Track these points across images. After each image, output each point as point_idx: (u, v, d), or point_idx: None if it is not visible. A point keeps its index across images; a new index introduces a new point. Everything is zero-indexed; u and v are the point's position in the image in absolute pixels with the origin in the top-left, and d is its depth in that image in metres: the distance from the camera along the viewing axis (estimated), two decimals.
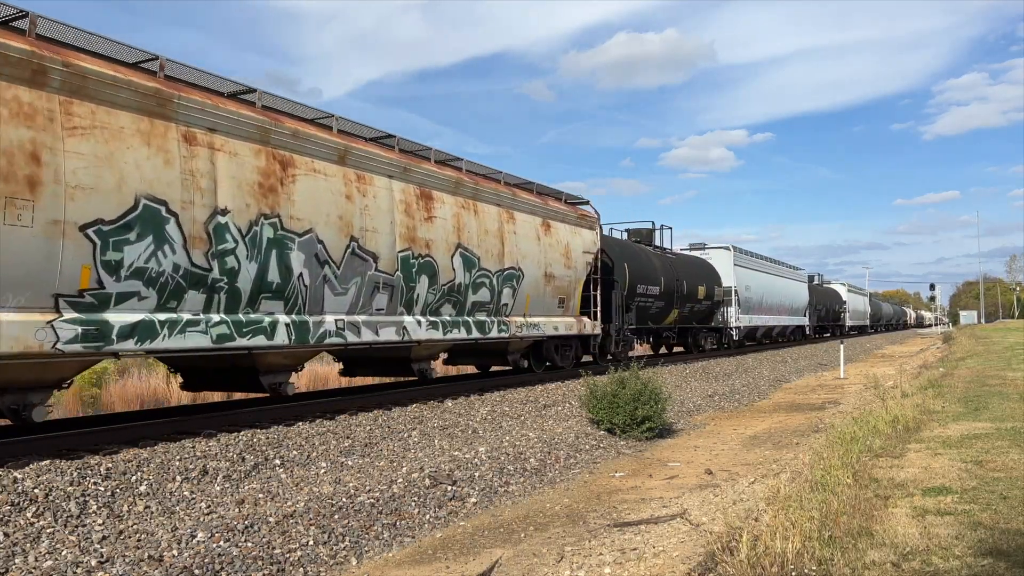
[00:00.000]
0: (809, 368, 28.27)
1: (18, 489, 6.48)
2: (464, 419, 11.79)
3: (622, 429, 12.46)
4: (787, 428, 13.91)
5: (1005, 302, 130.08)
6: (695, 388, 19.12)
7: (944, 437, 9.48)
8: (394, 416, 11.17)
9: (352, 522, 7.33)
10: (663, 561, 5.99)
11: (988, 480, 7.09)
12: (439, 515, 8.04)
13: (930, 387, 15.42)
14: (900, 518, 5.91)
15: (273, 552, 6.44)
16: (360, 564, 6.68)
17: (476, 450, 10.22)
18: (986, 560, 4.87)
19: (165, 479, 7.43)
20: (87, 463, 7.28)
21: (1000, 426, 10.10)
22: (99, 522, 6.43)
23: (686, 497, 8.66)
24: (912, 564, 4.85)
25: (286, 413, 10.67)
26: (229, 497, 7.45)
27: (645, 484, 9.62)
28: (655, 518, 7.67)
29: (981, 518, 5.82)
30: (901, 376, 20.85)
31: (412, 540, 7.36)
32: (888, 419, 10.58)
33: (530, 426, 12.24)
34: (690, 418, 15.34)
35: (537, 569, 6.38)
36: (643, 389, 12.56)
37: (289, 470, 8.46)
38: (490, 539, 7.38)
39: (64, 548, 5.91)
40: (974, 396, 13.64)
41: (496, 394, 13.88)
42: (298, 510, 7.25)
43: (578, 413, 13.37)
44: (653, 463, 11.00)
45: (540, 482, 9.69)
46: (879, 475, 7.45)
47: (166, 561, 5.94)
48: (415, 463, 9.37)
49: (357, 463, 9.10)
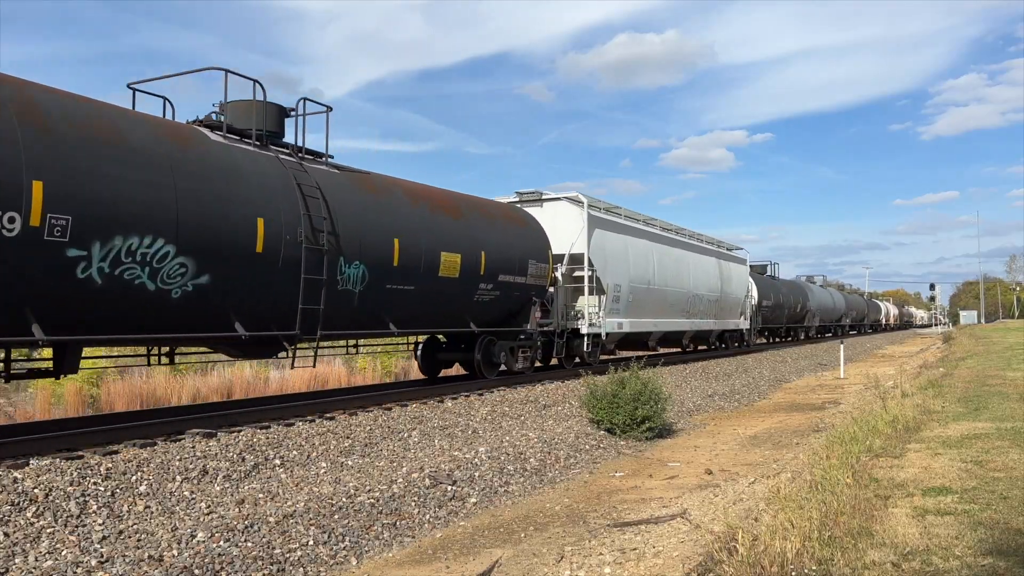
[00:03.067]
0: (809, 368, 28.28)
1: (18, 489, 6.48)
2: (464, 419, 11.79)
3: (622, 429, 12.46)
4: (787, 428, 13.91)
5: (1005, 302, 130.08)
6: (695, 388, 19.13)
7: (944, 437, 9.48)
8: (394, 416, 11.17)
9: (352, 522, 7.33)
10: (663, 561, 5.99)
11: (988, 480, 7.09)
12: (439, 515, 8.04)
13: (930, 387, 15.42)
14: (900, 518, 5.91)
15: (273, 552, 6.44)
16: (360, 564, 6.68)
17: (476, 450, 10.22)
18: (986, 560, 4.87)
19: (165, 479, 7.43)
20: (87, 463, 7.28)
21: (1000, 426, 10.10)
22: (99, 522, 6.43)
23: (686, 497, 8.66)
24: (912, 564, 4.85)
25: (286, 413, 10.68)
26: (229, 497, 7.45)
27: (645, 484, 9.62)
28: (655, 518, 7.67)
29: (981, 518, 5.82)
30: (901, 376, 20.85)
31: (412, 540, 7.36)
32: (888, 419, 10.57)
33: (530, 426, 12.23)
34: (690, 418, 15.34)
35: (537, 569, 6.38)
36: (643, 389, 12.57)
37: (289, 470, 8.46)
38: (490, 539, 7.38)
39: (64, 548, 5.91)
40: (974, 396, 13.63)
41: (496, 394, 13.88)
42: (298, 510, 7.25)
43: (578, 413, 13.37)
44: (653, 463, 11.00)
45: (540, 482, 9.69)
46: (879, 475, 7.45)
47: (166, 561, 5.94)
48: (415, 463, 9.37)
49: (357, 463, 9.10)
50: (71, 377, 17.24)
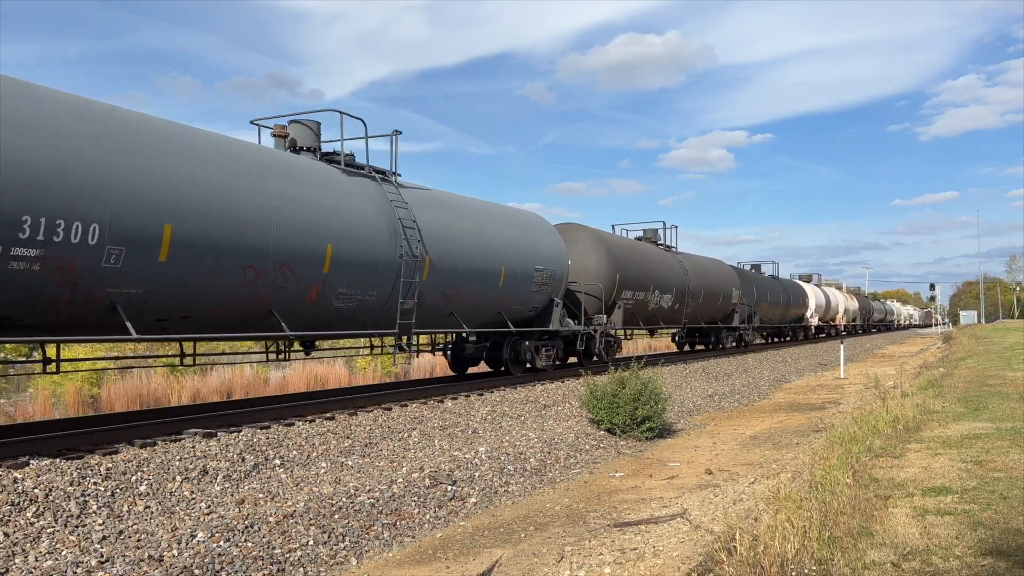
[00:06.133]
0: (809, 368, 28.28)
1: (18, 489, 6.48)
2: (464, 419, 11.79)
3: (622, 429, 12.46)
4: (787, 428, 13.91)
5: (1005, 302, 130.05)
6: (695, 388, 19.13)
7: (944, 437, 9.48)
8: (394, 416, 11.16)
9: (352, 522, 7.33)
10: (663, 561, 5.99)
11: (988, 480, 7.09)
12: (439, 515, 8.04)
13: (930, 387, 15.42)
14: (900, 518, 5.91)
15: (273, 552, 6.44)
16: (360, 564, 6.68)
17: (476, 450, 10.22)
18: (986, 560, 4.87)
19: (165, 479, 7.43)
20: (87, 463, 7.28)
21: (1000, 426, 10.10)
22: (99, 522, 6.43)
23: (686, 497, 8.66)
24: (912, 564, 4.85)
25: (286, 413, 10.68)
26: (229, 497, 7.45)
27: (645, 484, 9.62)
28: (655, 518, 7.67)
29: (981, 518, 5.82)
30: (901, 376, 20.86)
31: (412, 540, 7.36)
32: (888, 419, 10.57)
33: (530, 426, 12.23)
34: (690, 418, 15.34)
35: (537, 569, 6.38)
36: (643, 389, 12.57)
37: (289, 470, 8.46)
38: (490, 539, 7.38)
39: (64, 548, 5.91)
40: (974, 396, 13.63)
41: (496, 394, 13.88)
42: (298, 510, 7.25)
43: (578, 413, 13.37)
44: (653, 463, 11.00)
45: (540, 482, 9.69)
46: (879, 475, 7.45)
47: (166, 561, 5.94)
48: (415, 463, 9.37)
49: (357, 463, 9.10)
50: (70, 377, 17.30)
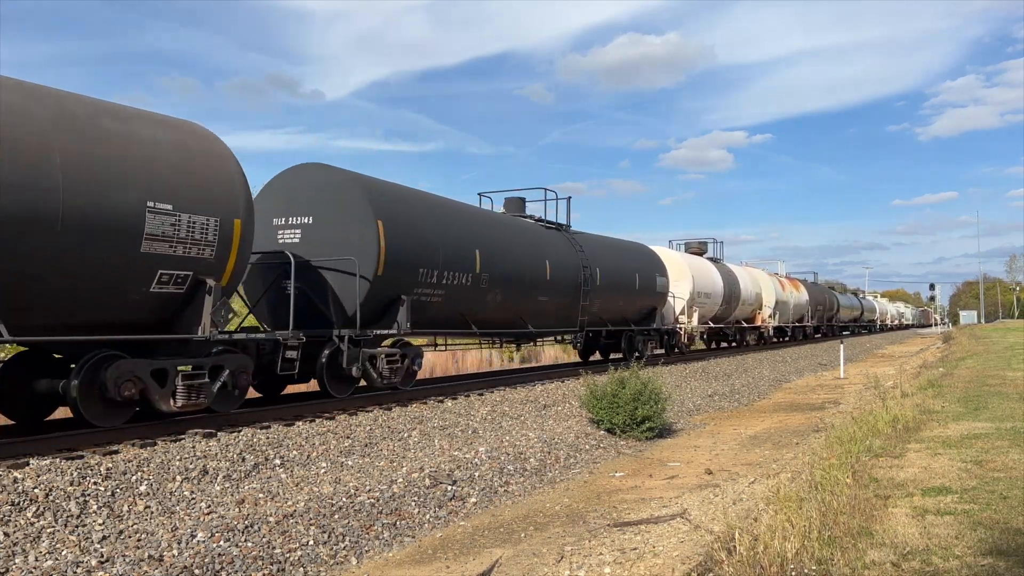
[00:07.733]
0: (809, 368, 28.28)
1: (18, 489, 6.48)
2: (464, 419, 11.79)
3: (622, 429, 12.46)
4: (787, 428, 13.91)
5: (1005, 302, 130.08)
6: (695, 388, 19.13)
7: (944, 437, 9.48)
8: (394, 416, 11.17)
9: (352, 522, 7.33)
10: (663, 561, 5.99)
11: (988, 480, 7.09)
12: (439, 515, 8.04)
13: (930, 387, 15.42)
14: (900, 518, 5.91)
15: (273, 552, 6.44)
16: (360, 564, 6.68)
17: (476, 450, 10.22)
18: (986, 560, 4.87)
19: (165, 479, 7.43)
20: (87, 463, 7.28)
21: (1000, 426, 10.10)
22: (99, 522, 6.43)
23: (686, 497, 8.66)
24: (912, 564, 4.85)
25: (286, 413, 10.68)
26: (229, 497, 7.45)
27: (645, 484, 9.62)
28: (655, 518, 7.67)
29: (981, 518, 5.82)
30: (901, 376, 20.86)
31: (412, 540, 7.36)
32: (888, 419, 10.58)
33: (530, 426, 12.24)
34: (690, 418, 15.35)
35: (537, 569, 6.38)
36: (643, 389, 12.57)
37: (289, 470, 8.46)
38: (490, 539, 7.38)
39: (64, 548, 5.91)
40: (974, 396, 13.64)
41: (496, 394, 13.88)
42: (298, 510, 7.25)
43: (578, 413, 13.37)
44: (653, 463, 11.00)
45: (540, 482, 9.69)
46: (879, 475, 7.45)
47: (166, 561, 5.94)
48: (415, 463, 9.37)
49: (357, 463, 9.10)
50: None
